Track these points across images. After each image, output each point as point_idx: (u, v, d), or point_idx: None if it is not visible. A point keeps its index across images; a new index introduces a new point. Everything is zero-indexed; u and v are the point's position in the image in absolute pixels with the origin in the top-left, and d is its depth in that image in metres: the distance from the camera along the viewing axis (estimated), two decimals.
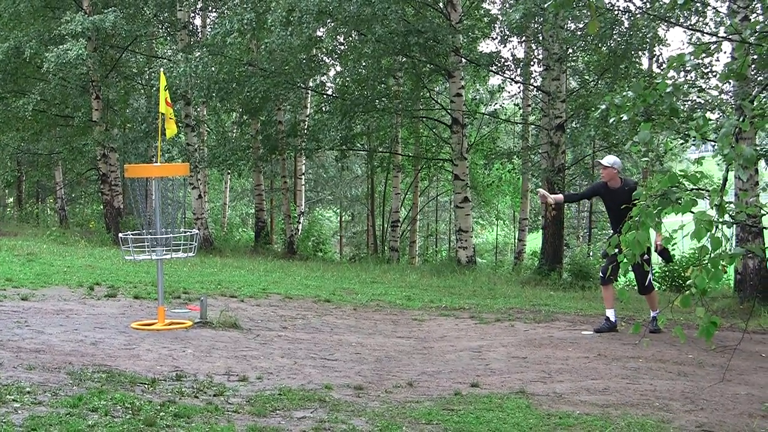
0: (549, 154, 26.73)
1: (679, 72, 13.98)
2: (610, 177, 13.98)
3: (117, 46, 36.07)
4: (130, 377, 9.22)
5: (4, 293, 14.84)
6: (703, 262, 6.47)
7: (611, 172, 13.95)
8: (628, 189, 13.45)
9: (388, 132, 38.08)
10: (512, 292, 20.64)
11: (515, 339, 13.31)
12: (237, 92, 30.14)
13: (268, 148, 34.75)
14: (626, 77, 26.40)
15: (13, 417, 7.40)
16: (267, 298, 16.54)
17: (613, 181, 13.96)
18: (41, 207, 51.25)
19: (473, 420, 8.35)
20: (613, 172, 13.94)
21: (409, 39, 26.48)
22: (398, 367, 10.99)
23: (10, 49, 33.15)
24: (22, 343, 10.67)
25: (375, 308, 16.28)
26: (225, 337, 12.30)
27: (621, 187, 13.87)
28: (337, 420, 8.13)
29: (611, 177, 13.97)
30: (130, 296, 15.56)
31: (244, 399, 8.76)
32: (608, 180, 14.02)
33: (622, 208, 13.11)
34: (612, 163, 13.96)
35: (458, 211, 28.57)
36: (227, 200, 54.27)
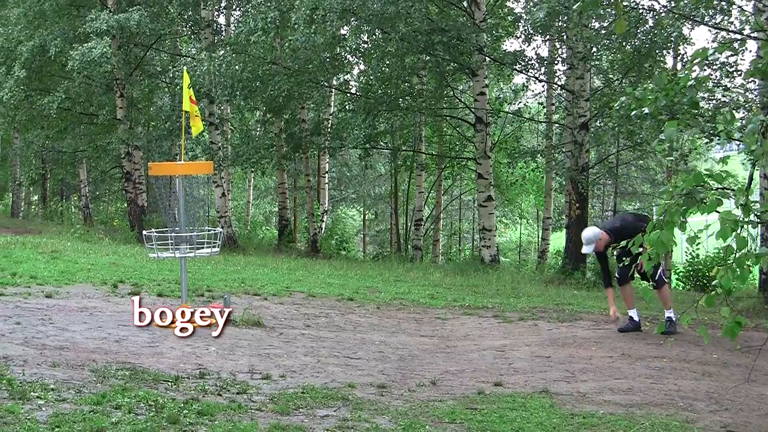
0: (573, 153, 26.64)
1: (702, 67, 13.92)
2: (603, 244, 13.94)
3: (141, 44, 36.17)
4: (153, 375, 9.23)
5: (28, 290, 14.87)
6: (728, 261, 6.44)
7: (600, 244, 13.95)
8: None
9: (411, 130, 38.07)
10: (536, 291, 20.60)
11: (539, 338, 13.29)
12: (261, 91, 30.14)
13: (292, 147, 34.75)
14: (650, 76, 26.30)
15: (37, 414, 7.43)
16: (290, 297, 16.53)
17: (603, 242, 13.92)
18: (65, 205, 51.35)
19: (497, 419, 8.34)
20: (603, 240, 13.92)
21: (433, 37, 26.46)
22: (421, 365, 10.98)
23: (36, 47, 33.28)
24: (47, 341, 10.69)
25: (398, 307, 16.26)
26: (248, 335, 12.30)
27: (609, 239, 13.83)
28: (360, 419, 8.13)
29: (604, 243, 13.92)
30: (154, 294, 15.58)
31: (267, 397, 8.76)
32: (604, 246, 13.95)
33: None
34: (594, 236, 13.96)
35: (482, 209, 28.51)
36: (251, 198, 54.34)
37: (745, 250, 6.33)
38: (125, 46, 34.66)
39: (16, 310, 12.86)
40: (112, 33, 31.99)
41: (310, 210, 37.95)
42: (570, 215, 26.98)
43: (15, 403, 7.66)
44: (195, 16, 35.05)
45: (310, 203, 38.27)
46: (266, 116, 38.20)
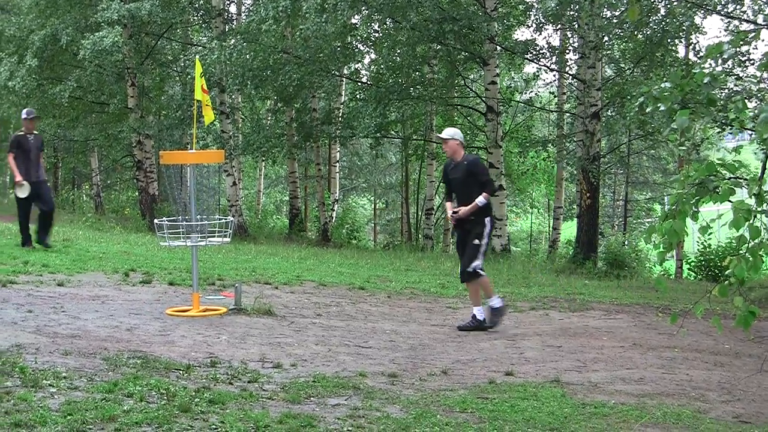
0: (584, 143, 26.63)
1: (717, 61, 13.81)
2: (452, 150, 13.33)
3: (152, 33, 36.22)
4: (165, 363, 9.23)
5: (40, 279, 14.89)
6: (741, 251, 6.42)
7: (452, 145, 13.30)
8: (467, 163, 13.24)
9: (422, 120, 38.06)
10: (547, 280, 20.58)
11: (550, 328, 13.29)
12: (271, 80, 30.14)
13: (303, 136, 34.76)
14: (662, 65, 26.27)
15: (49, 402, 7.43)
16: (301, 285, 16.53)
17: (457, 155, 13.31)
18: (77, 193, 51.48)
19: (508, 408, 8.33)
20: (455, 144, 13.29)
21: (444, 26, 26.42)
22: (432, 354, 10.98)
23: (47, 36, 33.35)
24: (58, 329, 10.71)
25: (409, 296, 16.26)
26: (259, 323, 12.29)
27: (462, 161, 13.27)
28: (372, 407, 8.12)
29: (454, 150, 13.31)
30: (165, 282, 15.59)
31: (279, 386, 8.76)
32: (452, 154, 13.38)
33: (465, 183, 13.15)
34: (452, 135, 13.35)
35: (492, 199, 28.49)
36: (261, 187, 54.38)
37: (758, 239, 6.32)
38: (136, 35, 34.72)
39: (28, 299, 12.87)
40: (124, 22, 32.03)
41: (320, 199, 38.02)
42: (581, 205, 26.98)
43: (27, 391, 7.66)
44: (206, 5, 35.13)
45: (320, 192, 38.33)
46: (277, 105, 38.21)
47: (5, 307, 12.00)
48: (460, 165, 13.23)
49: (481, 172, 13.28)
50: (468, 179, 13.09)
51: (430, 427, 7.57)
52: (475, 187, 13.01)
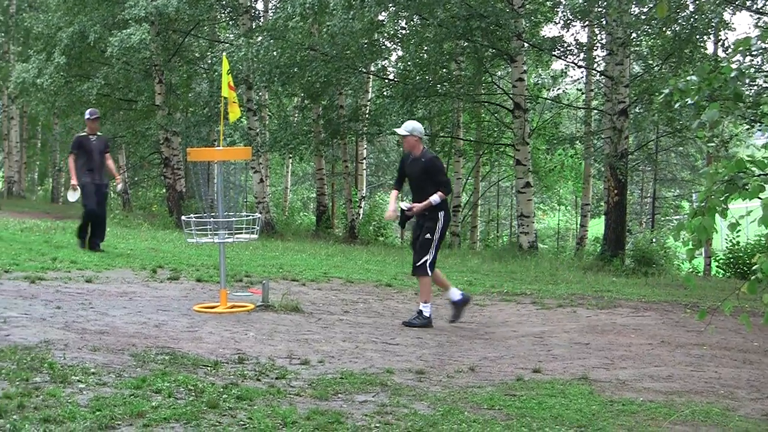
0: (612, 140, 26.55)
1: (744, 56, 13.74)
2: (411, 145, 13.14)
3: (179, 30, 36.31)
4: (192, 359, 9.24)
5: (68, 275, 14.93)
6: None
7: (411, 141, 13.10)
8: (425, 160, 12.97)
9: (449, 117, 38.03)
10: (574, 277, 20.53)
11: (577, 325, 13.25)
12: (298, 76, 30.19)
13: (330, 133, 34.79)
14: (691, 62, 26.20)
15: (78, 397, 7.43)
16: (328, 282, 16.54)
17: (415, 150, 13.10)
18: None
19: (535, 406, 8.30)
20: (413, 140, 13.08)
21: (471, 23, 26.39)
22: (459, 351, 10.96)
23: (75, 33, 33.46)
24: (87, 325, 10.72)
25: (436, 293, 16.18)
26: (287, 320, 12.30)
27: (420, 157, 13.04)
28: (399, 404, 8.10)
29: (412, 145, 13.12)
30: (193, 279, 15.63)
31: (306, 382, 8.75)
32: (410, 149, 13.21)
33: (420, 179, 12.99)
34: (411, 130, 13.09)
35: (520, 196, 28.45)
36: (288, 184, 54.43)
37: None
38: (164, 32, 34.80)
39: (56, 295, 12.91)
40: (151, 19, 32.11)
41: (347, 196, 38.02)
42: (609, 202, 26.91)
43: (56, 387, 7.67)
44: (233, 2, 35.15)
45: (347, 189, 38.32)
46: (304, 102, 38.27)
47: (34, 303, 12.03)
48: (418, 161, 13.06)
49: (437, 172, 13.03)
50: (423, 176, 12.97)
51: (457, 424, 7.53)
52: (429, 185, 12.87)
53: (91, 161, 18.25)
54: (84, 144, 18.33)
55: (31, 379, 7.90)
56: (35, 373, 8.13)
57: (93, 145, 18.36)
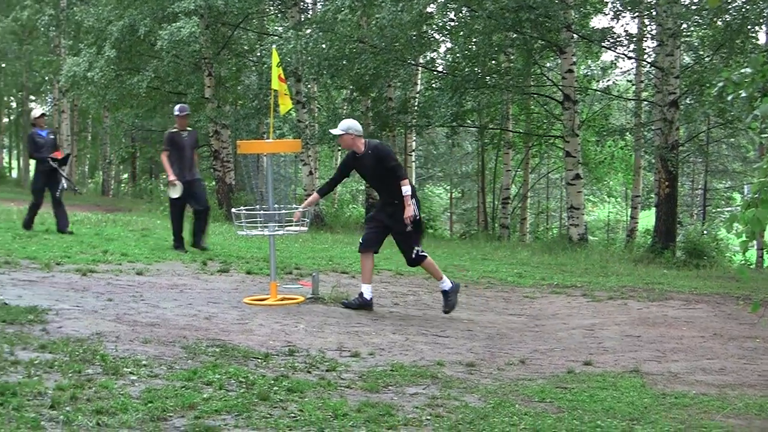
0: (662, 131, 26.36)
1: None
2: (347, 144, 12.80)
3: (229, 23, 36.38)
4: (243, 351, 9.27)
5: (119, 268, 15.03)
6: None
7: (347, 140, 12.73)
8: (372, 152, 12.62)
9: (498, 108, 37.89)
10: (625, 270, 20.41)
11: (628, 317, 13.19)
12: (347, 69, 30.19)
13: (379, 125, 34.74)
14: (742, 52, 25.95)
15: (130, 389, 7.49)
16: (378, 275, 16.50)
17: (357, 147, 12.71)
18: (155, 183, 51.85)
19: (587, 398, 8.27)
20: (349, 139, 12.70)
21: (521, 15, 26.28)
22: (510, 344, 10.95)
23: (125, 27, 33.63)
24: (138, 317, 10.80)
25: (486, 285, 16.21)
26: (337, 312, 12.34)
27: (365, 151, 12.67)
28: (450, 397, 8.10)
29: (349, 144, 12.75)
30: (243, 272, 15.67)
31: (357, 374, 8.77)
32: (349, 147, 12.85)
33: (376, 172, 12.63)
34: (346, 129, 12.72)
35: (570, 188, 28.32)
36: None
37: None
38: (213, 26, 34.89)
39: (108, 287, 13.00)
40: (200, 12, 32.22)
41: None
42: (659, 193, 26.71)
43: (109, 379, 7.73)
44: None
45: None
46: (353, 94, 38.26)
47: (86, 296, 12.12)
48: (365, 156, 12.71)
49: (387, 157, 12.69)
50: (377, 167, 12.63)
51: (508, 417, 7.52)
52: (389, 175, 12.59)
53: (182, 158, 17.74)
54: (176, 140, 17.79)
55: (83, 370, 7.97)
56: (87, 364, 8.21)
57: (185, 141, 17.84)
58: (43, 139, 19.79)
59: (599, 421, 7.52)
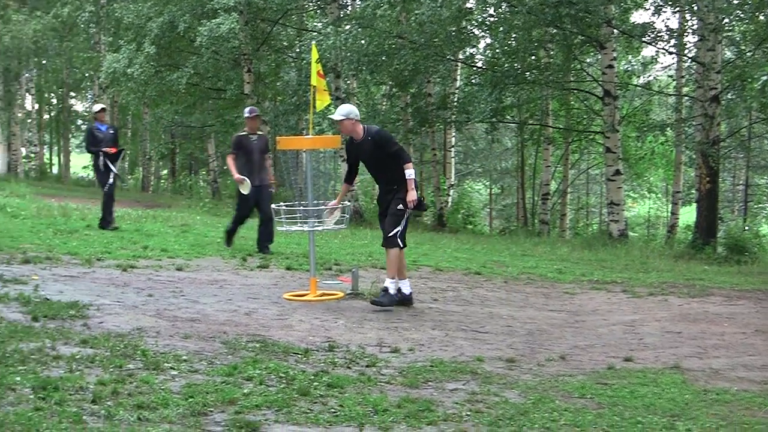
0: (703, 126, 26.20)
1: None
2: (348, 130, 12.67)
3: (268, 19, 36.47)
4: (283, 347, 9.30)
5: (159, 263, 15.11)
6: None
7: (347, 125, 12.60)
8: (371, 139, 12.53)
9: (538, 104, 37.76)
10: (665, 266, 20.29)
11: (669, 313, 13.12)
12: (386, 65, 30.19)
13: (418, 121, 34.73)
14: None
15: (171, 384, 7.54)
16: (417, 271, 16.52)
17: (356, 133, 12.64)
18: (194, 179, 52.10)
19: (627, 394, 8.24)
20: (350, 124, 12.58)
21: (561, 10, 26.19)
22: (550, 340, 10.92)
23: (165, 23, 33.77)
24: (178, 312, 10.87)
25: (526, 281, 16.17)
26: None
27: (364, 137, 12.59)
28: (490, 392, 8.09)
29: (349, 130, 12.65)
30: (282, 267, 15.72)
31: (396, 370, 8.77)
32: (349, 133, 12.74)
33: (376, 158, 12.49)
34: (346, 114, 12.58)
35: (610, 184, 28.19)
36: None
37: None
38: (252, 22, 34.99)
39: (148, 283, 13.09)
40: (240, 8, 32.32)
41: (436, 184, 37.98)
42: (700, 189, 26.56)
43: (149, 374, 7.79)
44: None
45: (436, 177, 38.29)
46: (392, 90, 38.27)
47: (126, 291, 12.21)
48: (364, 141, 12.62)
49: (389, 142, 12.63)
50: (377, 153, 12.50)
51: (548, 413, 7.51)
52: (389, 161, 12.47)
53: (251, 162, 17.26)
54: (244, 143, 17.31)
55: (124, 365, 8.04)
56: (128, 360, 8.28)
57: (254, 144, 17.33)
58: (102, 134, 19.90)
59: (640, 417, 7.50)
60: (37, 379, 7.26)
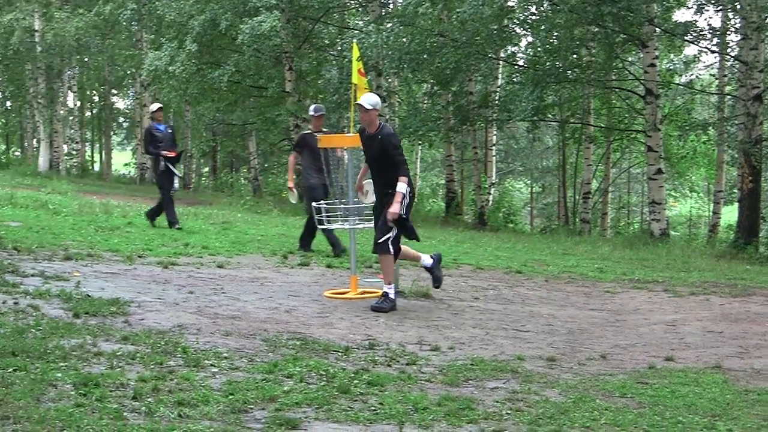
0: (746, 125, 26.06)
1: None
2: (369, 120, 12.20)
3: (310, 17, 36.51)
4: (323, 345, 9.29)
5: (200, 261, 15.14)
6: None
7: (372, 116, 12.16)
8: (381, 138, 12.07)
9: (579, 103, 37.64)
10: (707, 265, 20.18)
11: (710, 313, 13.03)
12: (428, 63, 30.20)
13: (459, 119, 34.71)
14: None
15: (211, 381, 7.55)
16: (458, 269, 16.51)
17: (372, 126, 12.21)
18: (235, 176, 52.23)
19: (668, 394, 8.18)
20: (375, 115, 12.15)
21: (603, 8, 26.12)
22: (590, 339, 10.88)
23: (206, 21, 33.86)
24: (219, 310, 10.89)
25: (566, 280, 16.12)
26: (417, 306, 12.37)
27: (377, 133, 12.16)
28: (530, 391, 8.06)
29: (371, 121, 12.19)
30: (323, 265, 15.73)
31: (437, 368, 8.75)
32: (368, 124, 12.25)
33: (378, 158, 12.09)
34: (375, 104, 12.16)
35: (651, 183, 28.09)
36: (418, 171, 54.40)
37: None
38: (294, 20, 35.04)
39: (189, 280, 13.11)
40: (281, 6, 32.38)
41: (477, 182, 37.96)
42: (742, 189, 26.42)
43: (190, 371, 7.80)
44: None
45: (477, 176, 38.26)
46: (434, 88, 38.23)
47: (167, 288, 12.24)
48: (375, 138, 12.19)
49: (395, 150, 12.14)
50: (382, 155, 12.17)
51: (589, 412, 7.47)
52: (389, 166, 12.08)
53: (318, 160, 17.00)
54: (309, 142, 16.92)
55: (165, 362, 8.05)
56: (169, 356, 8.29)
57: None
58: (161, 134, 19.89)
59: (681, 417, 7.45)
60: (78, 375, 7.27)
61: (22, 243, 15.30)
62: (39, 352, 7.86)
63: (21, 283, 11.45)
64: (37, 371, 7.29)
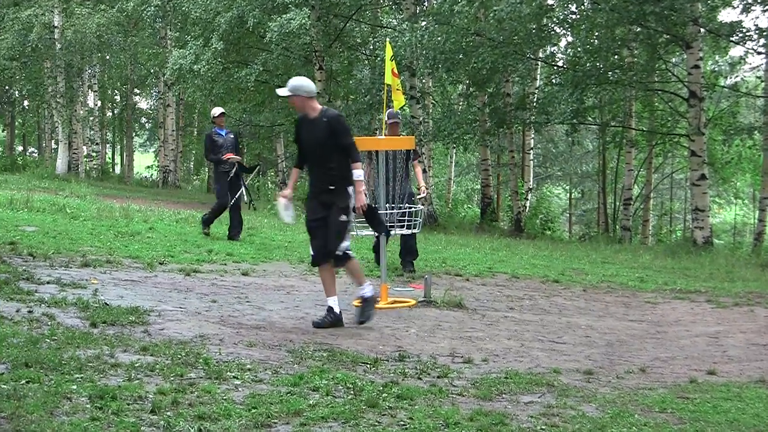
0: None
1: None
2: (300, 106, 11.06)
3: (341, 15, 36.45)
4: (351, 356, 9.20)
5: (224, 268, 15.08)
6: None
7: (297, 101, 11.02)
8: (327, 121, 10.88)
9: (621, 105, 37.46)
10: (752, 275, 19.92)
11: (755, 325, 12.85)
12: (464, 63, 30.15)
13: (496, 122, 34.65)
14: None
15: (233, 394, 7.43)
16: (493, 278, 16.43)
17: (310, 110, 10.97)
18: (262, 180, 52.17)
19: (710, 409, 7.99)
20: (299, 101, 10.95)
21: (645, 8, 25.94)
22: (630, 351, 10.72)
23: (233, 18, 33.69)
24: (243, 319, 10.84)
25: (606, 290, 15.98)
26: (449, 317, 12.21)
27: (319, 117, 10.93)
28: (566, 405, 7.88)
29: (301, 106, 11.01)
30: None
31: (469, 382, 8.60)
32: (300, 110, 11.13)
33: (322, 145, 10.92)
34: (294, 89, 10.91)
35: (695, 189, 27.82)
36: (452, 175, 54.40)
37: None
38: (324, 17, 34.94)
39: (212, 288, 13.07)
40: (311, 3, 32.29)
41: (513, 188, 37.83)
42: None
43: (212, 383, 7.68)
44: None
45: (513, 181, 38.13)
46: (469, 90, 38.22)
47: (189, 297, 12.22)
48: (318, 122, 10.94)
49: (344, 133, 11.01)
50: (328, 141, 10.90)
51: (627, 427, 7.30)
52: (334, 152, 10.92)
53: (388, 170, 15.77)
54: None
55: (185, 374, 7.93)
56: (190, 368, 8.17)
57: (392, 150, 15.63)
58: (222, 139, 19.47)
59: None
60: (94, 387, 7.15)
61: (38, 249, 15.22)
62: (53, 363, 7.74)
63: (36, 290, 11.36)
64: (52, 383, 7.18)
